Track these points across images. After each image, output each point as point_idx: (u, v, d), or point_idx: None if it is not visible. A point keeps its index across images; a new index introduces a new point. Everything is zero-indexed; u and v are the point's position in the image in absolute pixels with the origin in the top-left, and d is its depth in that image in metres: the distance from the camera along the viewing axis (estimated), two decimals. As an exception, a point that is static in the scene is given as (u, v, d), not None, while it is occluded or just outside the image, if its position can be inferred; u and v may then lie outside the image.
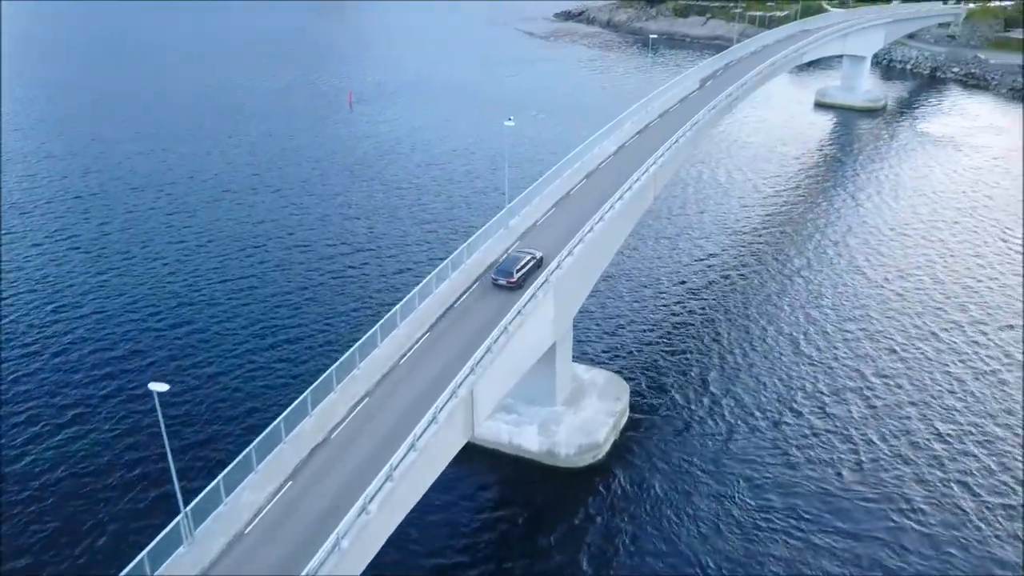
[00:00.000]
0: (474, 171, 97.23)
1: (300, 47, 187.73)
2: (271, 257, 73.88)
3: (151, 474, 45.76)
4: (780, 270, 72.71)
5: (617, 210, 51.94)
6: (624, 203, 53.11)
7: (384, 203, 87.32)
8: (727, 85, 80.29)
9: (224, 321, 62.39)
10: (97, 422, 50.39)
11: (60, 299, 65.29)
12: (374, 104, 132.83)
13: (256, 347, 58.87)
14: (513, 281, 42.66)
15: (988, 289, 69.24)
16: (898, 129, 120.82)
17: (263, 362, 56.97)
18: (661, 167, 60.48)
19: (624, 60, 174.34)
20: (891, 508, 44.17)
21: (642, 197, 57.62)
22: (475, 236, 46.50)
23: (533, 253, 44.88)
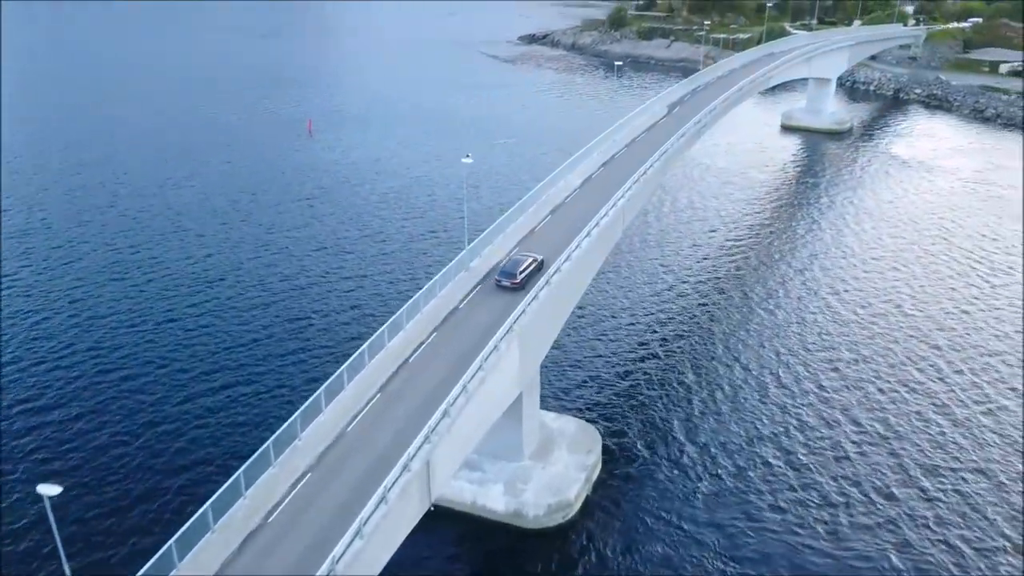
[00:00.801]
0: (437, 202, 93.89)
1: (258, 71, 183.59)
2: (219, 298, 69.72)
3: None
4: (748, 303, 70.16)
5: (584, 248, 48.98)
6: (592, 240, 50.16)
7: (343, 237, 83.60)
8: (695, 111, 78.15)
9: (161, 369, 58.20)
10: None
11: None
12: (334, 131, 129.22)
13: (191, 405, 54.71)
14: (516, 282, 44.01)
15: (960, 323, 67.29)
16: (865, 152, 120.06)
17: (196, 426, 52.84)
18: (629, 200, 57.74)
19: (589, 84, 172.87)
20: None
21: (611, 232, 54.76)
22: (434, 280, 43.09)
23: (534, 256, 46.27)
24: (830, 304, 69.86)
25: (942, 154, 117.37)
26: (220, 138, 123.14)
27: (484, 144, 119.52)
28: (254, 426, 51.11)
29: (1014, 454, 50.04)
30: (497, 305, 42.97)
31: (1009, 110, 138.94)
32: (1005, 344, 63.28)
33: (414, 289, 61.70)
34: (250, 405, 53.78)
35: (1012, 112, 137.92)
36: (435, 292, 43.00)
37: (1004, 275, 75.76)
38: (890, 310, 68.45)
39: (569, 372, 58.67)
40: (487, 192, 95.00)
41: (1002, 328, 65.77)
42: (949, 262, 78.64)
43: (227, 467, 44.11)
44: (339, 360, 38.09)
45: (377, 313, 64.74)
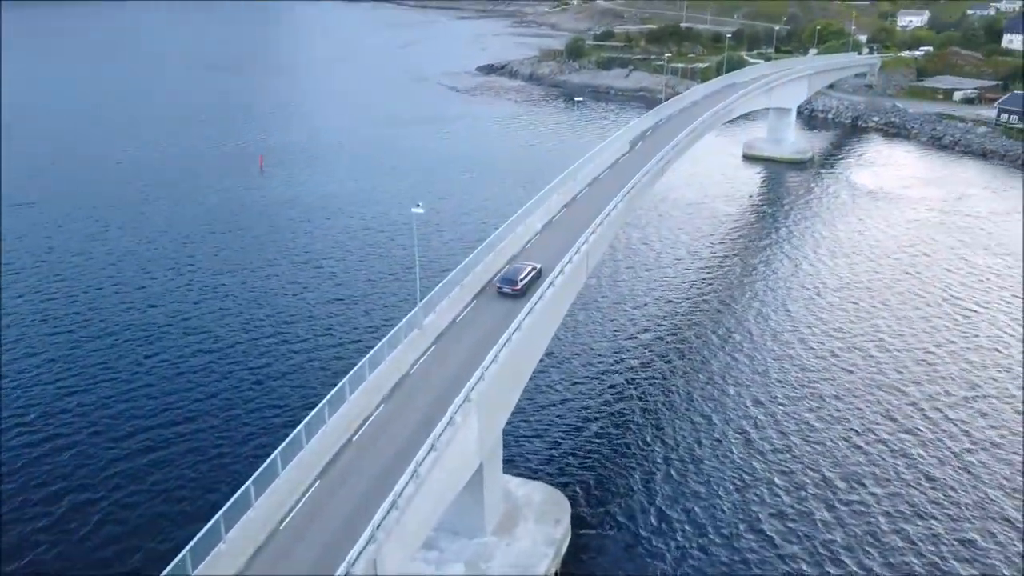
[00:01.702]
0: (394, 243, 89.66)
1: (208, 104, 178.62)
2: (161, 351, 64.82)
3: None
4: (721, 346, 67.16)
5: (548, 299, 45.46)
6: (555, 290, 46.70)
7: (294, 282, 79.16)
8: (658, 147, 75.59)
9: (95, 436, 53.13)
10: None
11: None
12: (287, 167, 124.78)
13: (120, 480, 49.79)
14: (517, 288, 45.97)
15: (940, 360, 64.93)
16: (829, 182, 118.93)
17: (110, 521, 47.92)
18: (593, 244, 54.49)
19: (550, 115, 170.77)
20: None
21: (575, 279, 51.38)
22: (382, 343, 39.08)
23: (533, 265, 48.37)
24: (802, 347, 67.01)
25: (906, 183, 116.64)
26: (167, 176, 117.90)
27: (443, 181, 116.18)
28: (172, 521, 46.02)
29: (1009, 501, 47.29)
30: (451, 371, 39.15)
31: (966, 137, 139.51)
32: (986, 384, 60.93)
33: (364, 344, 57.77)
34: (171, 497, 48.48)
35: (969, 139, 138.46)
36: (383, 355, 38.99)
37: (980, 309, 73.84)
38: (864, 354, 65.62)
39: (534, 430, 54.81)
40: (444, 235, 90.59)
41: (982, 368, 63.47)
42: (922, 299, 76.50)
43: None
44: (281, 429, 33.85)
45: (326, 373, 60.29)
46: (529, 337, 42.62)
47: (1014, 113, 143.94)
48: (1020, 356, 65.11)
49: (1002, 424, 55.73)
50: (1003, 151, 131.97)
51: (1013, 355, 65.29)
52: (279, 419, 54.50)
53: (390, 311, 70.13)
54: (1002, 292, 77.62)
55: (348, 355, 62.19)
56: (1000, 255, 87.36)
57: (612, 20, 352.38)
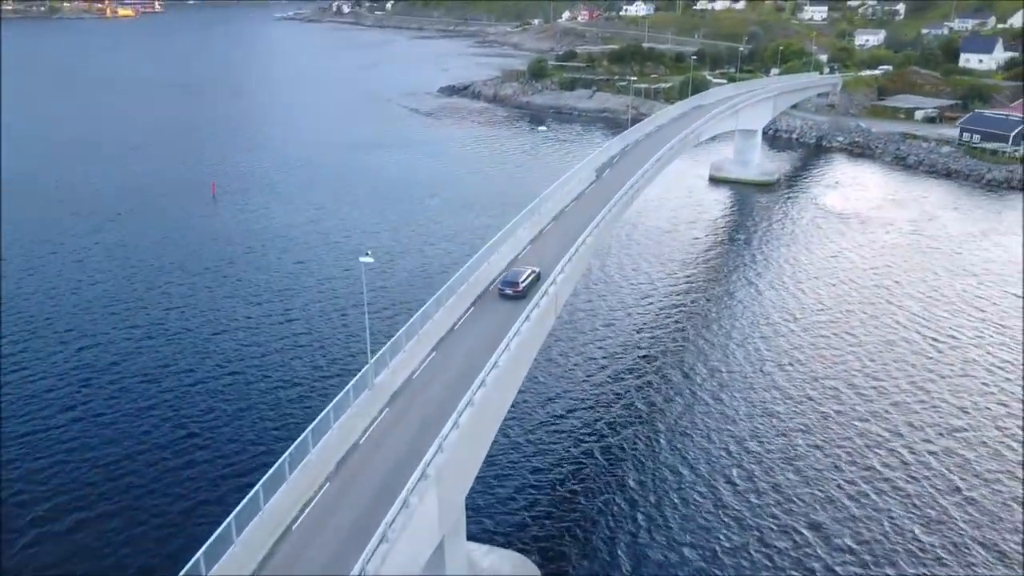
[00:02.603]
0: (351, 279, 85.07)
1: (159, 128, 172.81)
2: (91, 401, 59.68)
3: None
4: (690, 387, 63.57)
5: (513, 351, 41.65)
6: (522, 338, 42.94)
7: (245, 322, 74.48)
8: (626, 175, 72.52)
9: (15, 498, 47.99)
10: None
11: None
12: (241, 194, 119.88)
13: (38, 542, 44.74)
14: (519, 290, 48.09)
15: (919, 399, 62.25)
16: (797, 204, 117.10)
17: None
18: (562, 284, 50.93)
19: (513, 138, 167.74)
20: None
21: (543, 322, 47.67)
22: (328, 409, 34.92)
23: (533, 268, 50.65)
24: (777, 382, 63.92)
25: (874, 205, 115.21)
26: (112, 204, 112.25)
27: (405, 208, 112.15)
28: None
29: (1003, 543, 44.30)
30: (407, 437, 35.11)
31: (930, 157, 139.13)
32: (970, 420, 58.28)
33: (311, 404, 53.40)
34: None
35: (933, 159, 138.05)
36: (329, 424, 34.81)
37: (958, 338, 71.51)
38: (840, 396, 62.35)
39: (499, 491, 50.66)
40: (404, 273, 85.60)
41: (965, 403, 60.88)
42: (897, 330, 73.99)
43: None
44: (205, 523, 29.46)
45: (259, 447, 54.79)
46: (493, 394, 38.78)
47: (976, 132, 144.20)
48: (1008, 389, 62.71)
49: (995, 470, 52.98)
50: (967, 171, 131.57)
51: (998, 388, 62.85)
52: (204, 501, 49.07)
53: (342, 363, 65.17)
54: (980, 319, 75.50)
55: (293, 418, 56.79)
56: (975, 279, 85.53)
57: (574, 40, 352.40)
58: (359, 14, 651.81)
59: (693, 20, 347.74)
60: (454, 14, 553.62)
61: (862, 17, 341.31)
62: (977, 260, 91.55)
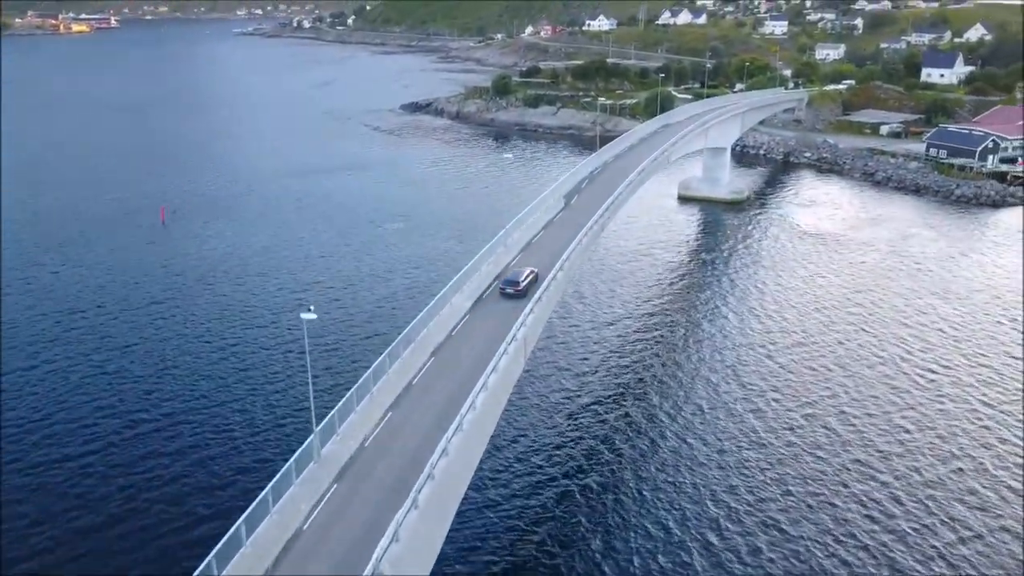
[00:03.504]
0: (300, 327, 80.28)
1: (109, 150, 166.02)
2: (16, 449, 54.02)
3: None
4: (660, 430, 59.39)
5: (480, 408, 37.36)
6: (489, 393, 38.67)
7: (193, 357, 69.31)
8: (595, 202, 68.76)
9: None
10: None
11: None
12: (192, 219, 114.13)
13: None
14: (519, 289, 50.37)
15: (907, 431, 59.01)
16: (768, 223, 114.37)
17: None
18: (532, 327, 46.75)
19: (478, 156, 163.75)
20: None
21: (511, 371, 43.44)
22: (266, 491, 30.27)
23: (532, 269, 53.10)
24: (758, 420, 60.16)
25: (847, 223, 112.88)
26: (54, 232, 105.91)
27: (366, 234, 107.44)
28: None
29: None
30: (357, 524, 30.54)
31: (899, 173, 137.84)
32: (965, 461, 55.08)
33: (254, 475, 48.33)
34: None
35: (902, 175, 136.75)
36: (268, 508, 30.14)
37: (943, 367, 68.56)
38: (826, 429, 58.95)
39: (464, 552, 46.15)
40: (357, 317, 78.14)
41: (954, 447, 57.68)
42: (879, 357, 70.91)
43: None
44: None
45: (192, 535, 49.44)
46: (459, 456, 34.42)
47: (943, 148, 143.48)
48: (996, 428, 59.73)
49: (991, 507, 49.70)
50: (936, 187, 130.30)
51: (988, 428, 59.86)
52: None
53: (287, 427, 57.94)
54: (963, 345, 72.78)
55: (233, 493, 49.74)
56: (956, 303, 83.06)
57: (538, 55, 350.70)
58: (320, 30, 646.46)
59: (656, 35, 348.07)
60: (416, 29, 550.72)
61: (822, 31, 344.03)
62: (957, 282, 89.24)
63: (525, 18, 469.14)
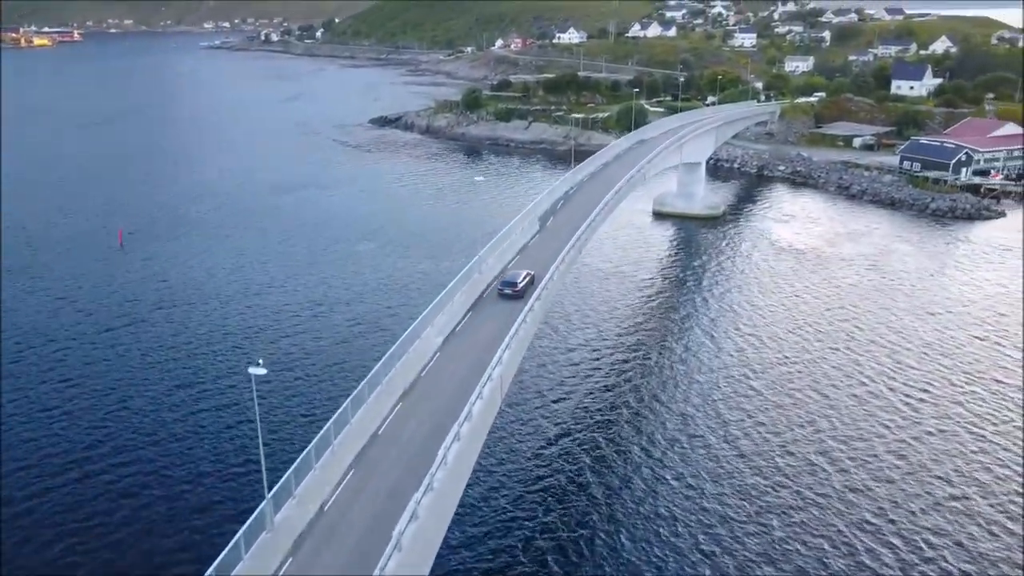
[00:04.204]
0: (275, 347, 76.55)
1: (66, 167, 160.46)
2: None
3: None
4: (647, 464, 56.43)
5: (452, 463, 34.00)
6: (463, 443, 35.33)
7: (147, 393, 65.10)
8: (571, 224, 65.88)
9: None
10: None
11: None
12: (151, 242, 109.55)
13: None
14: (517, 290, 52.02)
15: (896, 467, 56.58)
16: (745, 240, 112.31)
17: None
18: (508, 363, 43.50)
19: (449, 172, 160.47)
20: None
21: (487, 415, 40.11)
22: (210, 571, 26.66)
23: (529, 272, 54.45)
24: (742, 451, 57.40)
25: (825, 239, 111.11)
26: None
27: (333, 255, 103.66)
28: None
29: None
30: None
31: (873, 186, 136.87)
32: (956, 490, 52.67)
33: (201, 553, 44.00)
34: None
35: (877, 189, 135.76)
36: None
37: (930, 394, 66.36)
38: (810, 468, 55.93)
39: None
40: (320, 352, 73.70)
41: (948, 469, 55.30)
42: (866, 381, 68.63)
43: None
44: None
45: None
46: (429, 523, 31.01)
47: (916, 160, 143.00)
48: (991, 451, 57.50)
49: (990, 554, 47.26)
50: (911, 200, 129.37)
51: (982, 451, 57.62)
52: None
53: (240, 491, 52.49)
54: (951, 369, 70.75)
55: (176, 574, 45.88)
56: (939, 322, 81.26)
57: (508, 68, 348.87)
58: (288, 43, 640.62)
59: (626, 47, 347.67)
60: (386, 43, 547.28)
61: (790, 44, 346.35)
62: (939, 300, 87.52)
63: (495, 31, 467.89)
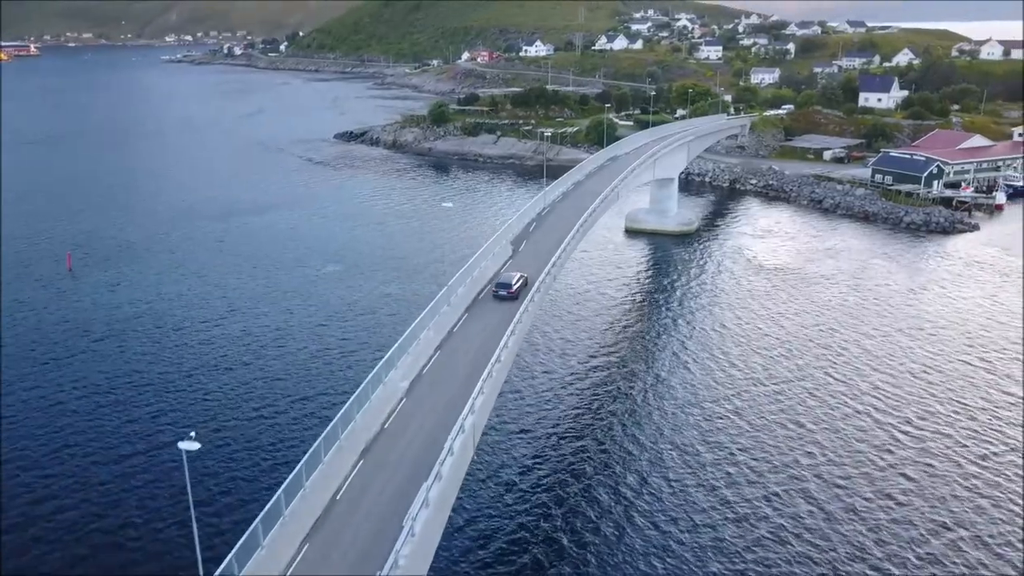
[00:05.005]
0: (228, 379, 72.08)
1: (9, 188, 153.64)
2: None
3: None
4: (625, 513, 53.04)
5: (419, 535, 30.06)
6: (431, 510, 31.44)
7: (93, 431, 60.18)
8: (545, 249, 62.48)
9: None
10: None
11: None
12: (103, 266, 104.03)
13: None
14: (512, 292, 53.56)
15: (891, 499, 53.65)
16: (721, 257, 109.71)
17: None
18: (481, 410, 39.70)
19: (416, 189, 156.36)
20: None
21: (457, 472, 36.24)
22: None
23: (522, 274, 55.96)
24: (722, 495, 53.83)
25: (802, 255, 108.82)
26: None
27: (296, 280, 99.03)
28: None
29: None
30: None
31: (846, 200, 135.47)
32: (951, 537, 49.78)
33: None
34: None
35: (850, 202, 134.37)
36: None
37: (920, 426, 63.61)
38: (798, 520, 52.79)
39: None
40: (276, 396, 69.27)
41: (944, 516, 52.43)
42: (850, 413, 65.69)
43: None
44: None
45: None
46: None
47: (888, 173, 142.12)
48: (986, 490, 54.81)
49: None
50: (885, 214, 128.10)
51: (977, 477, 54.92)
52: None
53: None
54: (939, 397, 68.24)
55: None
56: (924, 342, 79.00)
57: (475, 81, 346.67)
58: (252, 56, 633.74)
59: (593, 60, 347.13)
60: (351, 56, 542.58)
61: (756, 56, 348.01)
62: (921, 318, 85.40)
63: (461, 44, 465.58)
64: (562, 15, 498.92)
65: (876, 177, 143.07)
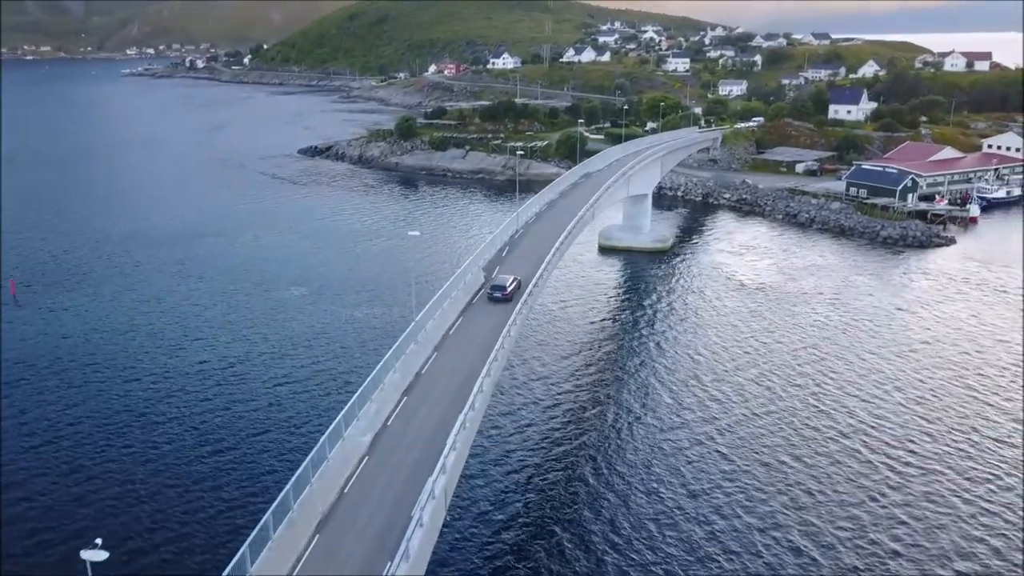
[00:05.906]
0: (179, 418, 67.21)
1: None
2: None
3: None
4: (604, 553, 49.46)
5: None
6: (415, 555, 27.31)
7: (36, 465, 55.02)
8: (520, 275, 58.40)
9: None
10: None
11: None
12: (51, 292, 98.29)
13: None
14: (507, 294, 55.66)
15: (886, 551, 50.45)
16: (697, 276, 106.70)
17: None
18: (454, 466, 35.63)
19: (383, 206, 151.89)
20: None
21: (429, 536, 32.11)
22: None
23: (515, 277, 57.67)
24: (714, 536, 50.53)
25: (783, 273, 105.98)
26: None
27: (257, 309, 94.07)
28: None
29: None
30: None
31: (822, 214, 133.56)
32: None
33: None
34: None
35: (825, 216, 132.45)
36: None
37: (917, 456, 60.64)
38: (790, 549, 49.75)
39: None
40: (240, 447, 66.30)
41: (945, 546, 49.34)
42: (842, 444, 62.58)
43: None
44: None
45: None
46: None
47: (862, 187, 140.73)
48: (988, 521, 51.83)
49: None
50: (861, 228, 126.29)
51: (978, 514, 51.93)
52: None
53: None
54: (931, 419, 65.43)
55: None
56: (911, 364, 76.35)
57: (442, 94, 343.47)
58: (215, 69, 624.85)
59: (561, 72, 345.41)
60: (316, 69, 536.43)
61: (723, 68, 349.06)
62: (906, 337, 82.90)
63: (428, 57, 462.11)
64: (529, 27, 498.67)
65: (851, 190, 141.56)
